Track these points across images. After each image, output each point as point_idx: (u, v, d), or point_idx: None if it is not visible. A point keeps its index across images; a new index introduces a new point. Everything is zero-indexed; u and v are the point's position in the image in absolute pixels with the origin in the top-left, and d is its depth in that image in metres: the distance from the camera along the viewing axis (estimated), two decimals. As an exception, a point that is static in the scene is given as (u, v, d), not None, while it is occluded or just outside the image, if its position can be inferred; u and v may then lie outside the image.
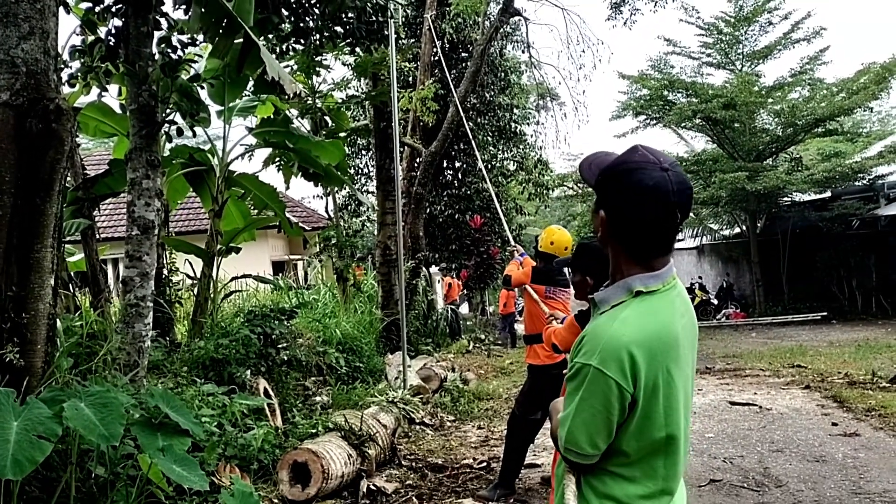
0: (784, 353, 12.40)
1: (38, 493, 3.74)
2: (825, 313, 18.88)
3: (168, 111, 5.90)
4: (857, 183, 19.21)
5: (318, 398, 7.74)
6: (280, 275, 18.40)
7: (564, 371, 3.09)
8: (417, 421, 7.43)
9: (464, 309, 23.51)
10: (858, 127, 25.88)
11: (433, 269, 19.90)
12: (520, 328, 19.64)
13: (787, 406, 7.72)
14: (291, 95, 4.93)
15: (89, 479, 3.91)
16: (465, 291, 20.46)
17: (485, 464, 6.04)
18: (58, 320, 4.60)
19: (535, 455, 6.02)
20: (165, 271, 7.67)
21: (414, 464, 6.07)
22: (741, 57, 21.62)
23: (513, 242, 6.66)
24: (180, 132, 6.03)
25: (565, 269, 5.49)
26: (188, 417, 3.96)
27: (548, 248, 5.36)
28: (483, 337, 18.12)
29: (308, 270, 22.66)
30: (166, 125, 5.64)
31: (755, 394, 8.48)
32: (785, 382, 9.25)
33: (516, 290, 18.90)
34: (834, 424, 6.76)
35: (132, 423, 3.70)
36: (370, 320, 11.88)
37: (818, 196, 20.14)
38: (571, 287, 5.44)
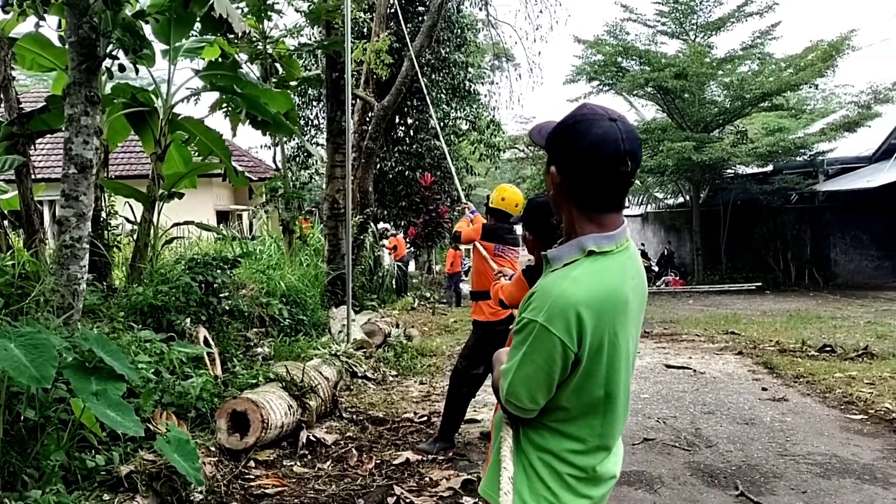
0: (719, 320, 12.78)
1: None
2: (760, 283, 19.49)
3: (110, 46, 5.64)
4: (797, 158, 19.69)
5: (259, 349, 7.66)
6: (224, 224, 18.07)
7: (511, 327, 3.11)
8: (360, 375, 7.44)
9: (410, 267, 23.52)
10: (803, 104, 26.51)
11: (381, 224, 19.82)
12: (465, 287, 19.77)
13: (720, 371, 7.98)
14: (240, 34, 4.76)
15: (18, 421, 3.79)
16: (412, 249, 20.42)
17: (425, 418, 6.09)
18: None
19: (475, 411, 6.09)
20: (104, 214, 7.41)
21: (355, 416, 6.08)
22: (695, 27, 21.79)
23: (464, 200, 6.64)
24: (122, 69, 5.76)
25: (516, 228, 5.52)
26: (123, 362, 3.86)
27: (499, 205, 5.35)
28: (428, 295, 18.19)
29: (253, 221, 22.33)
30: (108, 61, 5.38)
31: (690, 358, 8.73)
32: (719, 348, 9.55)
33: (463, 248, 18.83)
34: (764, 389, 7.01)
35: (65, 367, 3.59)
36: (315, 274, 11.77)
37: (760, 169, 20.58)
38: (521, 246, 5.49)
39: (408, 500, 4.29)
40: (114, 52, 5.61)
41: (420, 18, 19.34)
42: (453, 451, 5.24)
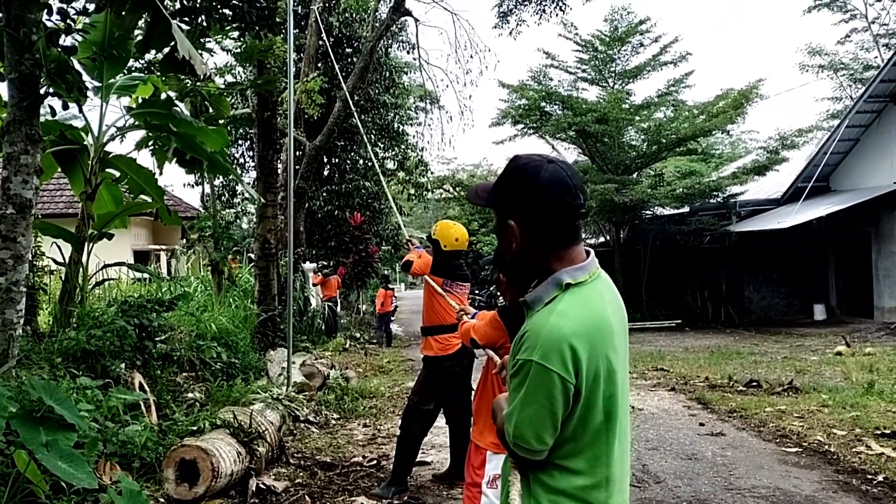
0: (645, 356, 13.14)
1: None
2: (679, 321, 20.17)
3: (47, 83, 5.46)
4: (712, 200, 20.64)
5: (190, 394, 7.41)
6: (143, 265, 17.46)
7: (494, 372, 3.14)
8: (302, 419, 7.28)
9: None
10: (712, 148, 27.91)
11: (307, 265, 19.58)
12: (395, 328, 19.68)
13: (657, 406, 8.20)
14: (202, 77, 4.70)
15: (-45, 478, 3.55)
16: (342, 289, 20.24)
17: (375, 461, 6.01)
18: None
19: (424, 452, 6.04)
20: (29, 255, 7.08)
21: (302, 462, 5.94)
22: (613, 75, 22.72)
23: (407, 234, 6.67)
24: (66, 107, 5.60)
25: (463, 264, 5.56)
26: (73, 411, 3.70)
27: (454, 246, 5.37)
28: (358, 335, 18.01)
29: (172, 262, 21.69)
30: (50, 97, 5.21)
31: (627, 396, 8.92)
32: (652, 384, 9.81)
33: (393, 290, 18.50)
34: (701, 424, 7.23)
35: (11, 417, 3.40)
36: (245, 315, 11.51)
37: (677, 211, 21.46)
38: (468, 283, 5.55)
39: (367, 547, 4.21)
40: (52, 90, 5.45)
41: (349, 59, 19.51)
42: (407, 494, 5.19)
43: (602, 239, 25.27)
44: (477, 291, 20.71)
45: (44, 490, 3.82)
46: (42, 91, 4.97)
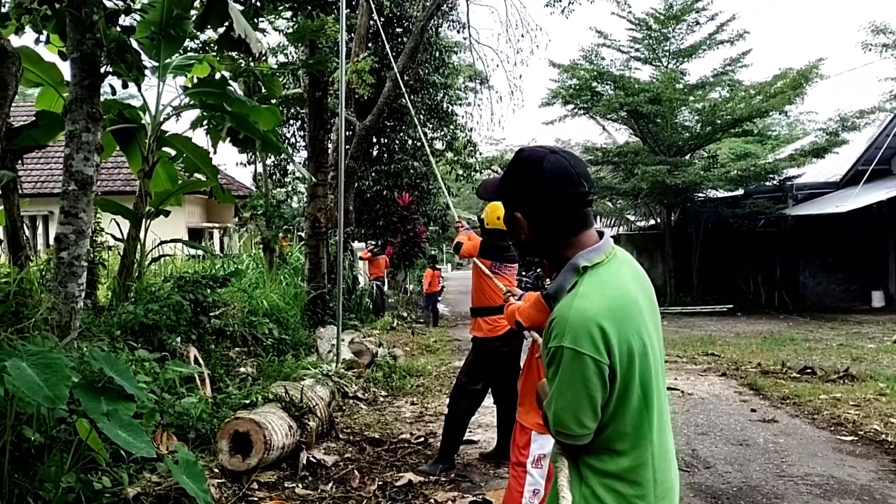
0: (696, 341, 12.94)
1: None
2: (731, 305, 19.80)
3: (107, 62, 5.59)
4: (767, 183, 20.12)
5: (242, 369, 7.58)
6: (197, 242, 17.85)
7: (536, 356, 3.13)
8: (351, 395, 7.39)
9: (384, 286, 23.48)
10: (768, 129, 27.13)
11: (356, 244, 19.77)
12: (442, 308, 19.77)
13: (707, 392, 8.09)
14: (257, 55, 4.76)
15: (22, 443, 3.70)
16: (390, 269, 20.39)
17: (422, 439, 6.07)
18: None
19: (471, 431, 6.07)
20: (90, 231, 7.30)
21: (351, 437, 6.04)
22: (667, 54, 22.22)
23: (457, 217, 6.67)
24: (126, 86, 5.73)
25: (511, 245, 5.56)
26: (132, 382, 3.81)
27: (495, 224, 5.37)
28: (405, 315, 18.15)
29: (225, 239, 22.11)
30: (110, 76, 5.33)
31: (675, 379, 8.82)
32: (702, 369, 9.67)
33: (440, 270, 18.64)
34: (753, 410, 7.11)
35: (75, 386, 3.52)
36: (295, 292, 11.69)
37: (731, 193, 20.99)
38: (516, 265, 5.54)
39: (415, 522, 4.27)
40: (112, 70, 5.57)
41: (399, 40, 19.50)
42: (454, 472, 5.23)
43: (653, 222, 24.87)
44: (524, 273, 20.63)
45: (104, 458, 3.96)
46: (102, 70, 5.07)
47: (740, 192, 20.77)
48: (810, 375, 8.81)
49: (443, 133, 22.20)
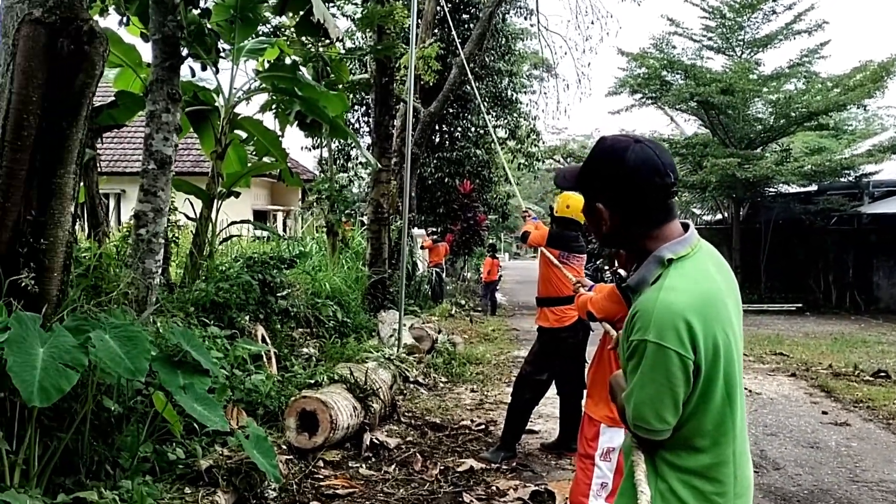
0: (763, 340, 12.60)
1: (48, 423, 3.66)
2: (800, 304, 19.20)
3: (187, 45, 5.71)
4: (842, 179, 19.40)
5: (305, 349, 7.70)
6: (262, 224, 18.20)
7: (609, 347, 3.07)
8: (412, 380, 7.44)
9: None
10: (844, 124, 26.12)
11: (416, 230, 19.86)
12: (499, 297, 19.71)
13: (776, 392, 7.86)
14: (335, 40, 4.80)
15: (101, 412, 3.83)
16: (449, 256, 20.43)
17: (483, 426, 6.07)
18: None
19: (531, 422, 6.03)
20: (167, 209, 7.51)
21: (413, 421, 6.09)
22: (741, 43, 21.56)
23: (524, 206, 6.61)
24: (204, 67, 5.85)
25: (579, 236, 5.49)
26: (208, 358, 3.91)
27: (564, 213, 5.31)
28: (463, 302, 18.17)
29: (288, 222, 22.50)
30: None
31: (743, 378, 8.60)
32: (770, 369, 9.41)
33: (499, 259, 18.52)
34: (824, 413, 6.89)
35: (153, 360, 3.61)
36: (356, 276, 11.82)
37: (803, 189, 20.31)
38: (584, 256, 5.47)
39: (477, 509, 4.28)
40: (193, 52, 5.70)
41: (466, 26, 19.42)
42: (516, 461, 5.22)
43: (720, 216, 24.27)
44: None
45: (179, 430, 4.07)
46: (183, 53, 5.19)
47: (813, 187, 20.08)
48: (884, 379, 8.48)
49: (506, 121, 22.04)
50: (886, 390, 7.78)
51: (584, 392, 5.44)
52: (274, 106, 8.98)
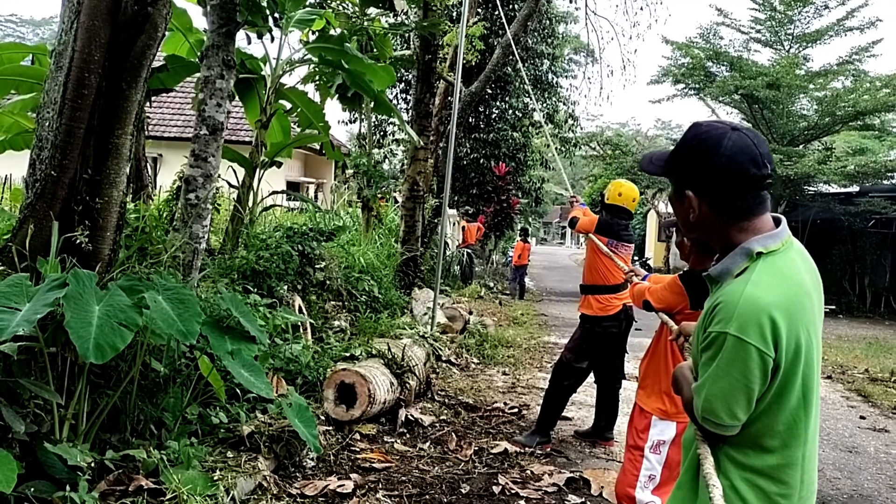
0: (796, 340, 12.39)
1: (96, 380, 3.71)
2: (833, 307, 18.89)
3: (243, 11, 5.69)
4: (885, 182, 18.97)
5: (336, 322, 7.73)
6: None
7: (669, 338, 2.99)
8: (444, 359, 7.44)
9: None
10: (889, 125, 25.50)
11: (450, 210, 19.82)
12: (527, 281, 19.65)
13: (812, 392, 7.74)
14: (400, 11, 4.75)
15: (149, 373, 3.87)
16: (480, 238, 20.37)
17: (516, 410, 6.06)
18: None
19: (565, 409, 6.00)
20: (217, 175, 7.55)
21: (446, 400, 6.09)
22: (790, 37, 21.10)
23: (571, 191, 6.54)
24: (260, 35, 5.84)
25: (630, 225, 5.42)
26: (255, 325, 3.92)
27: (615, 200, 5.24)
28: (492, 285, 18.14)
29: (319, 195, 22.57)
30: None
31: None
32: (804, 370, 9.26)
33: (530, 244, 18.36)
34: (862, 418, 6.78)
35: (203, 324, 3.63)
36: (388, 253, 11.83)
37: (844, 189, 19.89)
38: (632, 245, 5.40)
39: (512, 492, 4.27)
40: (246, 19, 5.68)
41: (510, 6, 19.20)
42: (550, 446, 5.20)
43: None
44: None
45: (222, 395, 4.11)
46: (239, 19, 5.17)
47: (855, 188, 19.64)
48: (923, 388, 8.32)
49: (544, 105, 21.83)
50: (926, 399, 7.64)
51: (622, 382, 5.44)
52: (316, 78, 8.96)
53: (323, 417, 4.77)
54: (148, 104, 7.59)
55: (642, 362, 3.43)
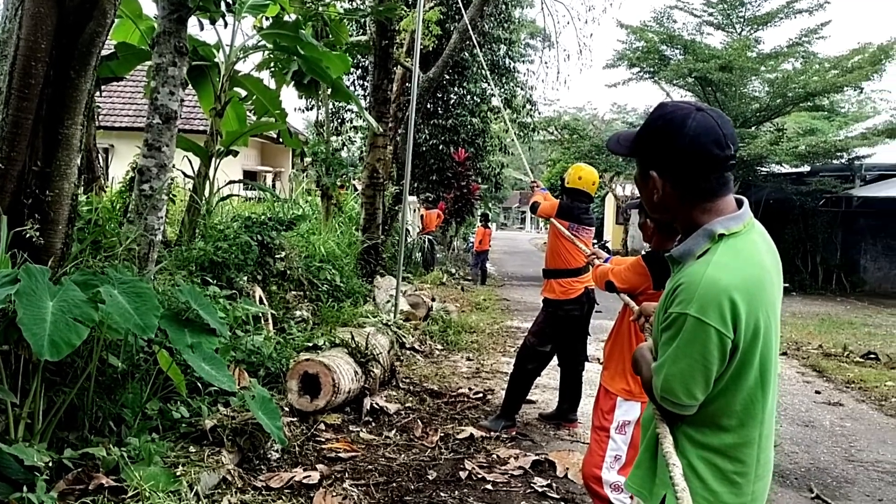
0: (751, 318, 12.67)
1: (52, 377, 3.61)
2: (787, 285, 19.32)
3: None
4: (835, 161, 19.43)
5: (298, 312, 7.66)
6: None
7: (631, 319, 3.02)
8: (408, 346, 7.43)
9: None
10: (837, 106, 26.12)
11: (410, 197, 19.75)
12: (490, 267, 19.73)
13: (769, 369, 7.93)
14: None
15: (106, 369, 3.78)
16: (441, 224, 20.38)
17: (481, 395, 6.08)
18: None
19: (531, 392, 6.04)
20: (171, 164, 7.39)
21: (411, 387, 6.09)
22: (742, 20, 21.41)
23: (531, 176, 6.56)
24: (213, 21, 5.71)
25: (591, 208, 5.46)
26: (215, 317, 3.86)
27: (576, 184, 5.27)
28: (453, 271, 18.17)
29: (277, 183, 22.30)
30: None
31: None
32: (760, 346, 9.48)
33: (490, 229, 18.40)
34: (817, 392, 6.97)
35: (161, 317, 3.55)
36: (349, 241, 11.76)
37: (796, 170, 20.32)
38: (593, 228, 5.44)
39: (479, 476, 4.29)
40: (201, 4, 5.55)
41: (466, -9, 19.09)
42: (515, 430, 5.23)
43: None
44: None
45: (183, 389, 4.03)
46: (190, 4, 5.05)
47: (806, 168, 20.08)
48: (874, 361, 8.58)
49: (502, 90, 21.85)
50: (877, 372, 7.88)
51: (584, 365, 5.49)
52: (271, 64, 8.82)
53: (287, 409, 4.73)
54: (98, 93, 7.41)
55: (606, 343, 3.46)
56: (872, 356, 8.76)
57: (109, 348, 3.83)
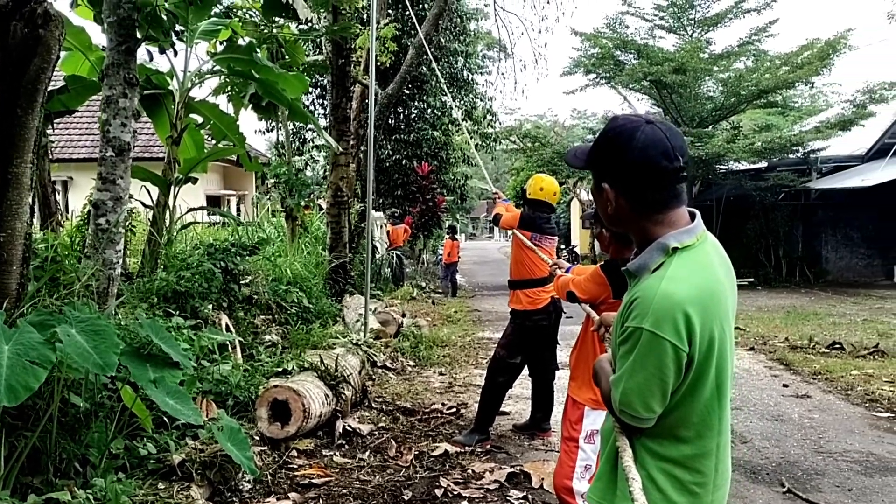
0: (719, 315, 12.83)
1: (12, 421, 3.53)
2: (752, 279, 19.63)
3: (143, 27, 5.51)
4: (791, 156, 19.82)
5: (268, 336, 7.59)
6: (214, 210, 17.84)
7: (592, 329, 3.03)
8: (380, 364, 7.40)
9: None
10: (790, 101, 26.67)
11: (376, 214, 19.70)
12: (460, 279, 19.75)
13: (737, 366, 8.01)
14: (304, 20, 4.68)
15: (69, 409, 3.71)
16: (409, 238, 20.36)
17: (454, 410, 6.07)
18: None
19: (503, 403, 6.05)
20: (127, 197, 7.29)
21: (384, 406, 6.06)
22: (692, 22, 21.80)
23: (493, 187, 6.59)
24: (163, 50, 5.66)
25: (552, 218, 5.50)
26: (178, 350, 3.81)
27: (537, 195, 5.31)
28: (424, 285, 18.14)
29: (241, 207, 22.12)
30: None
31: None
32: (728, 343, 9.61)
33: (458, 241, 18.45)
34: (785, 386, 7.07)
35: (121, 353, 3.50)
36: (317, 261, 11.70)
37: (754, 166, 20.68)
38: (556, 238, 5.48)
39: (455, 493, 4.28)
40: (147, 35, 5.50)
41: (420, 6, 19.21)
42: (490, 443, 5.23)
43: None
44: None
45: (149, 425, 3.97)
46: (139, 35, 5.01)
47: (763, 164, 20.46)
48: (839, 351, 8.73)
49: (462, 102, 21.96)
50: (843, 362, 8.02)
51: (555, 373, 5.51)
52: (228, 89, 8.76)
53: (257, 437, 4.67)
54: (50, 128, 7.32)
55: (572, 353, 3.48)
56: (838, 346, 8.92)
57: (71, 388, 3.76)
